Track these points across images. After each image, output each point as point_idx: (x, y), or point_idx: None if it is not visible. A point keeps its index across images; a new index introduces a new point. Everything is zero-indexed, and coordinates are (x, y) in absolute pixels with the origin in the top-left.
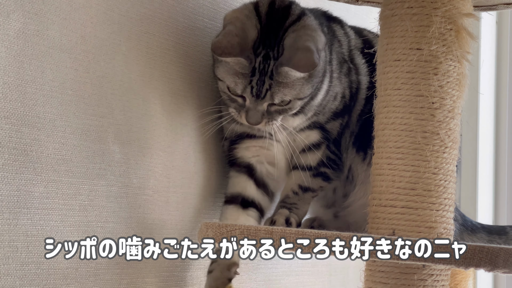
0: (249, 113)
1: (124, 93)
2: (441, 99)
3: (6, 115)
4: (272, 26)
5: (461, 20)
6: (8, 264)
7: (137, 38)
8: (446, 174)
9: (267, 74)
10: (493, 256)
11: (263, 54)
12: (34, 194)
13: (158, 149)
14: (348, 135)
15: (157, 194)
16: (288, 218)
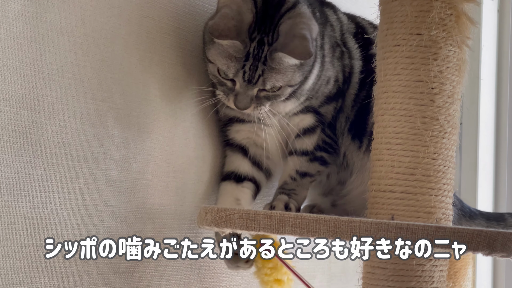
0: (238, 97)
1: (124, 77)
2: (441, 84)
3: (5, 97)
4: (268, 11)
5: (461, 5)
6: (7, 246)
7: (137, 22)
8: (445, 159)
9: (260, 59)
10: (491, 240)
11: (258, 39)
12: (33, 177)
13: (157, 134)
14: (343, 120)
15: (156, 178)
16: (287, 203)
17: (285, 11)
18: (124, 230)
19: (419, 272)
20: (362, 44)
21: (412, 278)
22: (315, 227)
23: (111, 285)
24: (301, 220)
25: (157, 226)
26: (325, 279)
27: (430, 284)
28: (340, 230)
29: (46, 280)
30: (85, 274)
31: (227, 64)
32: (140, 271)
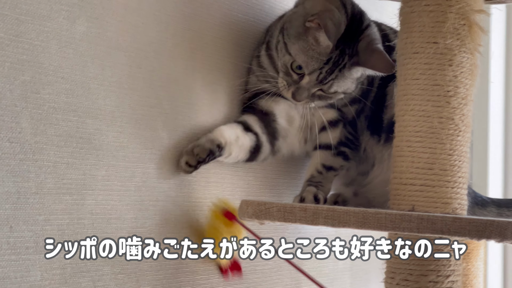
0: (299, 91)
1: (170, 85)
2: (456, 87)
3: (74, 108)
4: (352, 26)
5: (473, 16)
6: (77, 239)
7: (181, 34)
8: (460, 155)
9: (339, 66)
10: (502, 229)
11: (341, 48)
12: (97, 178)
13: (200, 134)
14: (363, 119)
15: (199, 175)
16: (316, 195)
17: (364, 29)
18: (173, 223)
19: None
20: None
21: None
22: (345, 219)
23: (162, 271)
24: (333, 212)
25: (201, 217)
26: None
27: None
28: (368, 221)
29: (109, 268)
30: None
31: (306, 62)
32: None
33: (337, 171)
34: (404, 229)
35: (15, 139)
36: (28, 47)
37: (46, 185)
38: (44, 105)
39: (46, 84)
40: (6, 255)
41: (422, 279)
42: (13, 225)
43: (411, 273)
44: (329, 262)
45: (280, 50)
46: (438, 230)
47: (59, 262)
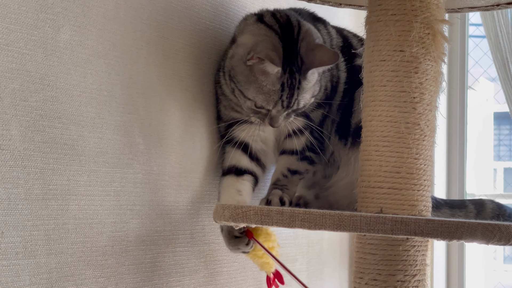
0: (274, 119)
1: (146, 92)
2: (421, 94)
3: (59, 115)
4: (286, 40)
5: (437, 26)
6: (61, 243)
7: (155, 42)
8: (426, 159)
9: (295, 86)
10: (472, 230)
11: (289, 70)
12: (80, 183)
13: (172, 139)
14: (329, 123)
15: (172, 179)
16: (281, 197)
17: (297, 35)
18: (148, 226)
19: (404, 256)
20: (347, 58)
21: (399, 262)
22: (321, 221)
23: (138, 274)
24: (309, 215)
25: (173, 221)
26: (305, 261)
27: (414, 267)
28: (344, 223)
29: (91, 272)
30: (119, 265)
31: (266, 100)
32: (160, 261)
33: (302, 174)
34: (378, 231)
35: (5, 146)
36: (17, 55)
37: (34, 191)
38: (32, 113)
39: (34, 91)
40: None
41: (390, 279)
42: (4, 231)
43: (379, 273)
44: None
45: (239, 96)
46: (411, 232)
47: (46, 267)
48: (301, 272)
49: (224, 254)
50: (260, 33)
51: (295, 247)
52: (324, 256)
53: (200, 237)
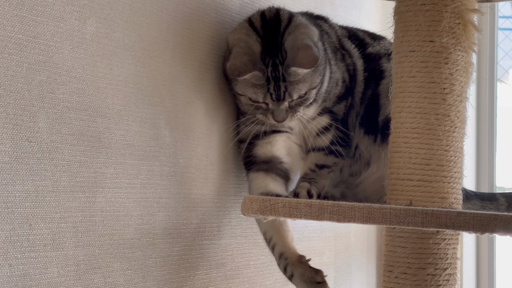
0: (275, 113)
1: (172, 83)
2: (451, 85)
3: (85, 107)
4: (270, 35)
5: (467, 15)
6: (89, 236)
7: (181, 34)
8: (456, 150)
9: (280, 79)
10: (506, 223)
11: (271, 62)
12: (107, 175)
13: (198, 132)
14: (354, 115)
15: (198, 171)
16: (309, 190)
17: (284, 29)
18: (175, 219)
19: (435, 250)
20: (357, 44)
21: (429, 255)
22: (351, 214)
23: (165, 266)
24: (339, 207)
25: (199, 214)
26: (332, 255)
27: (445, 260)
28: (373, 216)
29: (118, 264)
30: (146, 258)
31: (255, 92)
32: (187, 254)
33: (331, 168)
34: (409, 223)
35: (33, 139)
36: (44, 47)
37: (61, 183)
38: (59, 105)
39: (60, 84)
40: (26, 253)
41: (421, 272)
42: (32, 223)
43: (409, 266)
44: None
45: (237, 96)
46: (442, 224)
47: (74, 259)
48: (328, 266)
49: (251, 247)
50: (241, 32)
51: (322, 241)
52: (352, 249)
53: (227, 230)
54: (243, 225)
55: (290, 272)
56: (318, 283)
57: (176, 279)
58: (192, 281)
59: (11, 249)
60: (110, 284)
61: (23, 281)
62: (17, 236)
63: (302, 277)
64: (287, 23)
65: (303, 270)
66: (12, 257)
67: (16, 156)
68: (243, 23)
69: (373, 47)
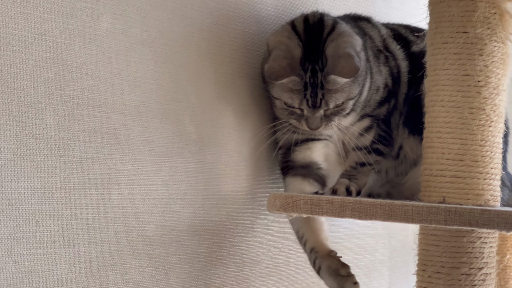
0: (309, 120)
1: (198, 79)
2: (486, 77)
3: (98, 104)
4: (312, 41)
5: (504, 5)
6: (103, 233)
7: (208, 29)
8: (492, 145)
9: (318, 86)
10: None
11: (311, 68)
12: (123, 172)
13: (229, 127)
14: (397, 115)
15: (229, 168)
16: (348, 186)
17: (327, 36)
18: (202, 216)
19: (469, 248)
20: (402, 44)
21: (463, 254)
22: (372, 211)
23: (191, 264)
24: (360, 204)
25: (230, 211)
26: (386, 252)
27: (481, 260)
28: (395, 213)
29: (137, 262)
30: (169, 255)
31: (291, 97)
32: (216, 251)
33: (372, 165)
34: (431, 221)
35: (40, 135)
36: (51, 44)
37: (71, 180)
38: (69, 102)
39: (70, 80)
40: (33, 249)
41: (454, 272)
42: (39, 220)
43: (443, 265)
44: (366, 253)
45: (272, 99)
46: (466, 222)
47: (86, 256)
48: (382, 264)
49: (291, 245)
50: (282, 35)
51: (374, 238)
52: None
53: (262, 227)
54: (281, 222)
55: (319, 265)
56: (343, 276)
57: (204, 276)
58: (222, 278)
59: (16, 245)
60: (128, 281)
61: (29, 277)
62: (22, 232)
63: (328, 270)
64: (330, 29)
65: (330, 262)
66: (17, 254)
67: (20, 153)
68: (286, 26)
69: (417, 45)
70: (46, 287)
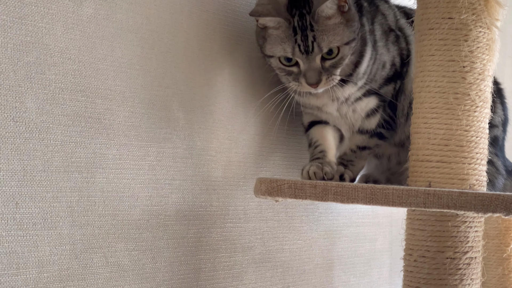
0: (307, 74)
1: (187, 66)
2: (472, 63)
3: (82, 89)
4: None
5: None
6: (87, 216)
7: (198, 16)
8: (477, 131)
9: (307, 28)
10: (508, 203)
11: (298, 13)
12: (108, 156)
13: (219, 114)
14: (406, 104)
15: (219, 154)
16: (342, 174)
17: None
18: (191, 201)
19: (454, 233)
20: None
21: (448, 238)
22: (354, 195)
23: (179, 248)
24: (342, 188)
25: (221, 197)
26: (387, 241)
27: (465, 244)
28: (376, 197)
29: (122, 245)
30: (156, 239)
31: (283, 48)
32: (206, 236)
33: (372, 149)
34: (411, 204)
35: (20, 119)
36: (32, 29)
37: (53, 163)
38: (50, 86)
39: (52, 65)
40: (12, 231)
41: (439, 256)
42: (19, 202)
43: (428, 249)
44: (365, 242)
45: (269, 61)
46: (444, 205)
47: (69, 238)
48: (382, 252)
49: (286, 232)
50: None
51: (374, 226)
52: None
53: (255, 213)
54: (275, 209)
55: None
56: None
57: (193, 261)
58: (213, 264)
59: None
60: (113, 264)
61: (8, 258)
62: (1, 214)
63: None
64: None
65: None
66: None
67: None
68: None
69: None
70: (26, 268)
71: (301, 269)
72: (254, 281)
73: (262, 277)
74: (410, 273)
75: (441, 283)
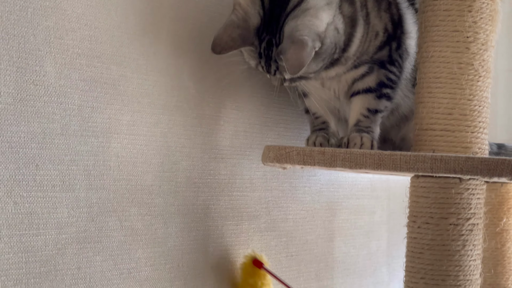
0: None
1: (197, 35)
2: (475, 33)
3: (97, 55)
4: (275, 11)
5: None
6: (103, 180)
7: None
8: (480, 100)
9: (272, 58)
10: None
11: (267, 40)
12: (122, 122)
13: (229, 84)
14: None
15: (227, 123)
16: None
17: (290, 10)
18: (200, 168)
19: (457, 199)
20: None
21: (452, 205)
22: (362, 161)
23: (189, 214)
24: (350, 155)
25: (229, 165)
26: (385, 214)
27: (468, 210)
28: (384, 163)
29: (136, 209)
30: (168, 205)
31: (250, 56)
32: (215, 203)
33: (383, 112)
34: (418, 170)
35: (40, 82)
36: None
37: (71, 127)
38: (68, 50)
39: (70, 30)
40: (32, 192)
41: (443, 222)
42: (39, 164)
43: (432, 216)
44: (364, 214)
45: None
46: (451, 170)
47: (86, 201)
48: (380, 225)
49: (289, 202)
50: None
51: (373, 199)
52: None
53: (261, 183)
54: (280, 179)
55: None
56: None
57: (202, 227)
58: (221, 231)
59: (16, 187)
60: (127, 228)
61: (29, 219)
62: (22, 175)
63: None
64: (296, 3)
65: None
66: (17, 195)
67: (20, 98)
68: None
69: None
70: (46, 229)
71: (304, 239)
72: (259, 249)
73: (267, 245)
74: (413, 240)
75: (444, 248)
